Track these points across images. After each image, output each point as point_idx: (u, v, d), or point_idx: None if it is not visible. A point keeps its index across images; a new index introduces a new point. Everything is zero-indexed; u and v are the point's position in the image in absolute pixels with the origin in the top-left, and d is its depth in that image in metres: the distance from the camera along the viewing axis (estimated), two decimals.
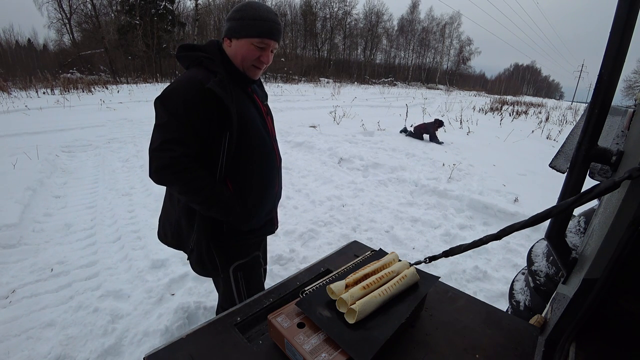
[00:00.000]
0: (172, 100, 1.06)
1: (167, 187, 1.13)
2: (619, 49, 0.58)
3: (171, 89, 1.08)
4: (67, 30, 24.90)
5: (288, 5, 40.96)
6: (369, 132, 7.53)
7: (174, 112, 1.06)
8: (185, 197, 1.13)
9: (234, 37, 1.14)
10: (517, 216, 3.43)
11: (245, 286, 1.37)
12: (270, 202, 1.35)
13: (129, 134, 6.59)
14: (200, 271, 1.31)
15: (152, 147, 1.08)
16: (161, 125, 1.08)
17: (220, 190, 1.14)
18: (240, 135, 1.15)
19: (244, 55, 1.14)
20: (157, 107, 1.09)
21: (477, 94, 34.70)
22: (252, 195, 1.24)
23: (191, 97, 1.05)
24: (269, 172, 1.31)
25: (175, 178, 1.08)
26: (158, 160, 1.07)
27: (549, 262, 1.37)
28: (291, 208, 3.52)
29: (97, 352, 1.66)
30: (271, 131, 1.33)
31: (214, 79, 1.07)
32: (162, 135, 1.07)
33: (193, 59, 1.15)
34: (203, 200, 1.11)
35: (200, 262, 1.26)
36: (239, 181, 1.21)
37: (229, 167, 1.17)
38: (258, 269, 1.43)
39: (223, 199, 1.14)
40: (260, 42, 1.13)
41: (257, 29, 1.11)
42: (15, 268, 2.34)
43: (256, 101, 1.27)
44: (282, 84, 24.37)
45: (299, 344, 0.72)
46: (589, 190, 0.58)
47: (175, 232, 1.31)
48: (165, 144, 1.06)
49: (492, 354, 0.84)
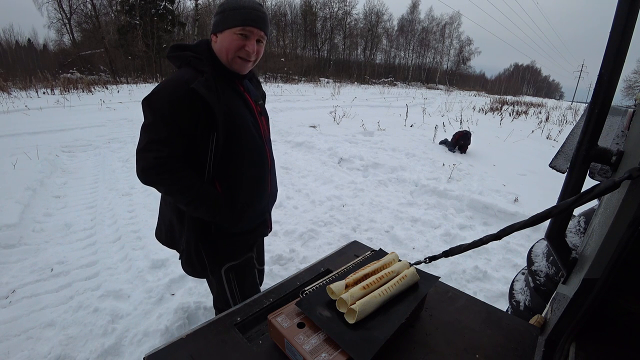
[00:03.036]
0: (157, 100, 1.06)
1: (153, 187, 1.13)
2: (619, 49, 0.58)
3: (158, 90, 1.08)
4: (67, 30, 24.96)
5: (288, 5, 41.07)
6: (369, 132, 7.52)
7: (160, 113, 1.05)
8: (172, 197, 1.14)
9: (218, 32, 1.13)
10: (517, 216, 3.43)
11: (237, 287, 1.36)
12: (261, 203, 1.34)
13: (129, 134, 6.58)
14: (189, 271, 1.31)
15: (138, 148, 1.09)
16: (147, 125, 1.08)
17: (207, 190, 1.14)
18: (228, 136, 1.13)
19: (227, 47, 1.12)
20: (144, 108, 1.09)
21: (477, 94, 34.67)
22: (241, 196, 1.23)
23: (176, 98, 1.04)
24: (260, 174, 1.29)
25: (160, 179, 1.08)
26: (143, 161, 1.08)
27: (549, 262, 1.37)
28: (291, 208, 3.52)
29: (97, 352, 1.66)
30: (263, 132, 1.30)
31: (200, 78, 1.06)
32: (147, 136, 1.07)
33: (183, 58, 1.14)
34: (189, 200, 1.11)
35: (189, 262, 1.26)
36: (227, 182, 1.20)
37: (217, 167, 1.16)
38: (251, 271, 1.42)
39: (210, 200, 1.14)
40: (241, 30, 1.10)
41: (237, 17, 1.09)
42: (15, 268, 2.34)
43: (248, 100, 1.24)
44: (282, 84, 24.36)
45: (299, 344, 0.72)
46: (589, 190, 0.58)
47: (168, 231, 1.32)
48: (150, 144, 1.07)
49: (492, 354, 0.84)
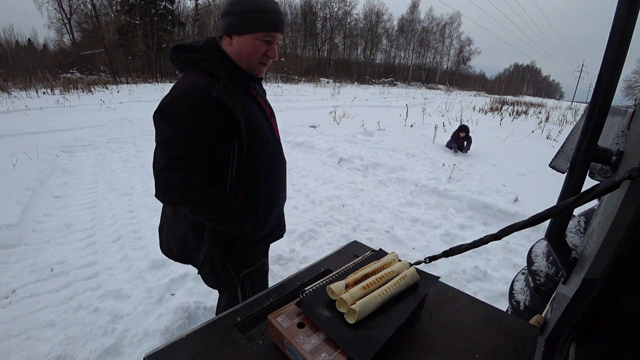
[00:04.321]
0: (173, 111, 0.96)
1: (177, 207, 1.06)
2: (619, 49, 0.58)
3: (171, 99, 0.98)
4: (67, 30, 24.90)
5: (288, 5, 40.99)
6: (369, 132, 7.52)
7: (178, 125, 0.95)
8: (198, 216, 1.05)
9: (235, 34, 1.03)
10: (517, 216, 3.43)
11: (251, 294, 1.33)
12: (279, 207, 1.32)
13: (129, 134, 6.59)
14: (214, 284, 1.24)
15: (159, 167, 0.98)
16: (165, 140, 0.97)
17: (232, 204, 1.07)
18: (249, 144, 1.06)
19: (250, 53, 1.04)
20: (158, 121, 0.98)
21: (477, 94, 34.67)
22: (263, 203, 1.18)
23: (195, 107, 0.95)
24: (277, 177, 1.25)
25: (186, 198, 0.99)
26: (166, 182, 0.98)
27: (549, 262, 1.37)
28: (291, 208, 3.52)
29: (97, 352, 1.66)
30: (276, 133, 1.26)
31: (218, 85, 0.97)
32: (167, 153, 0.97)
33: (190, 61, 1.04)
34: (216, 217, 1.05)
35: (214, 275, 1.19)
36: (249, 191, 1.14)
37: (239, 177, 1.09)
38: (265, 276, 1.41)
39: (236, 214, 1.08)
40: (266, 36, 1.03)
41: (261, 21, 1.01)
42: (15, 268, 2.34)
43: (260, 102, 1.19)
44: (282, 84, 24.34)
45: (299, 344, 0.72)
46: (589, 190, 0.58)
47: (182, 246, 1.22)
48: (172, 162, 0.96)
49: (492, 354, 0.84)
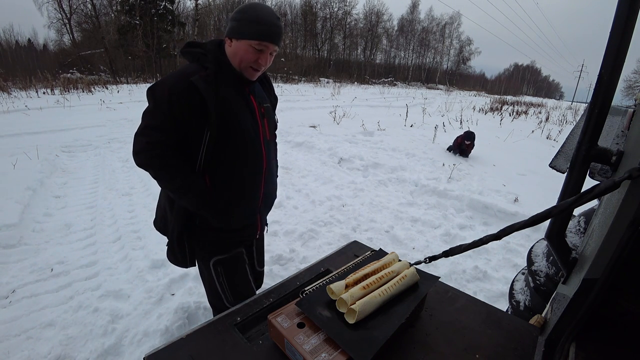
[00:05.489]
0: (159, 90, 1.12)
1: (145, 170, 1.19)
2: (619, 49, 0.58)
3: (162, 80, 1.14)
4: (67, 30, 24.89)
5: (288, 5, 40.99)
6: (369, 132, 7.52)
7: (159, 101, 1.11)
8: (159, 182, 1.20)
9: (234, 38, 1.16)
10: (517, 216, 3.43)
11: (227, 281, 1.39)
12: (250, 206, 1.35)
13: (129, 134, 6.58)
14: (171, 259, 1.39)
15: (136, 132, 1.17)
16: (147, 112, 1.15)
17: (194, 180, 1.18)
18: (221, 134, 1.17)
19: (242, 57, 1.16)
20: (147, 95, 1.16)
21: (477, 94, 34.65)
22: (228, 194, 1.26)
23: (176, 89, 1.09)
24: (252, 175, 1.30)
25: (150, 162, 1.15)
26: (137, 144, 1.15)
27: (549, 262, 1.37)
28: (291, 208, 3.52)
29: (97, 352, 1.66)
30: (263, 134, 1.31)
31: (201, 73, 1.11)
32: (145, 121, 1.15)
33: (193, 54, 1.20)
34: (175, 187, 1.17)
35: (171, 249, 1.34)
36: (216, 178, 1.24)
37: (207, 161, 1.20)
38: (241, 265, 1.43)
39: (195, 190, 1.18)
40: (258, 45, 1.14)
41: (256, 31, 1.12)
42: (15, 268, 2.34)
43: (251, 102, 1.26)
44: (282, 84, 24.31)
45: (299, 344, 0.72)
46: (589, 190, 0.58)
47: (162, 218, 1.38)
48: (146, 129, 1.14)
49: (492, 354, 0.84)
